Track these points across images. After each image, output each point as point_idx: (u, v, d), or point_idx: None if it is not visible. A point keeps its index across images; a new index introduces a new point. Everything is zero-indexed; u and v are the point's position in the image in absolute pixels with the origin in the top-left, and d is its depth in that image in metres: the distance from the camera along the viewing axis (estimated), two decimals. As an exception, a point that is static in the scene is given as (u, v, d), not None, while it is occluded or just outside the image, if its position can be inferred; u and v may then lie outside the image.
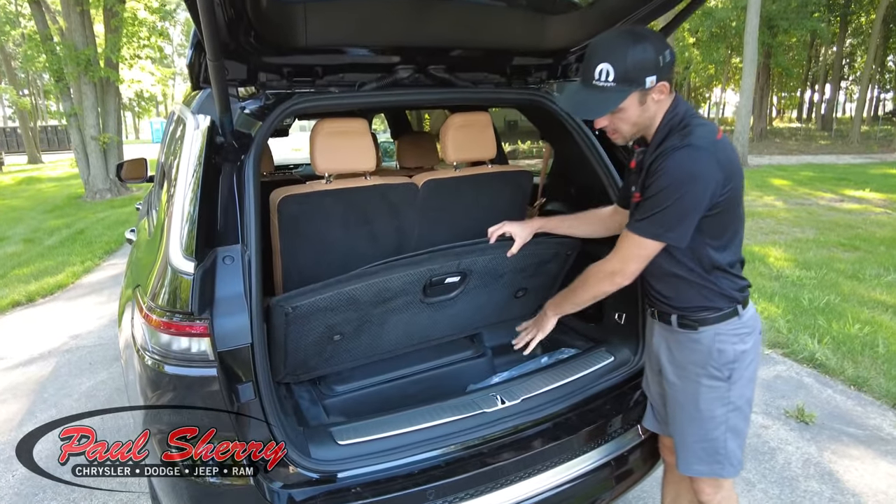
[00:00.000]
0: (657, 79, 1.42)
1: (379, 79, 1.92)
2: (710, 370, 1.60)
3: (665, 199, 1.41)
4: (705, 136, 1.43)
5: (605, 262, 1.59)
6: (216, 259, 1.49)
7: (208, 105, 1.70)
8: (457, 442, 1.66)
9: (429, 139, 3.23)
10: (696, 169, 1.40)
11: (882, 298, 5.04)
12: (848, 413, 3.29)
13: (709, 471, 1.68)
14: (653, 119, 1.51)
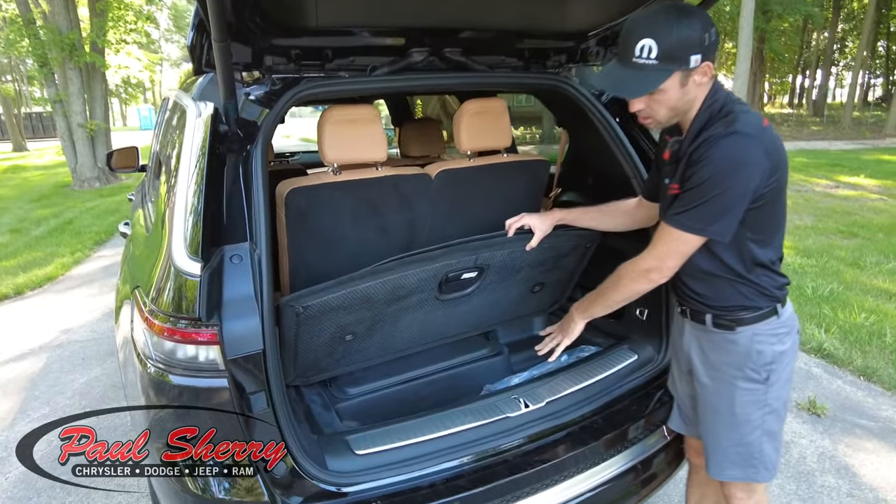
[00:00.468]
0: (702, 58, 1.31)
1: (391, 62, 1.80)
2: (748, 372, 1.51)
3: (709, 189, 1.31)
4: (752, 123, 1.33)
5: (639, 259, 1.49)
6: (223, 258, 1.38)
7: (211, 91, 1.58)
8: (481, 449, 1.57)
9: (434, 126, 3.11)
10: (743, 157, 1.29)
11: (885, 286, 5.01)
12: (859, 404, 3.25)
13: (743, 475, 1.60)
14: (691, 104, 1.40)
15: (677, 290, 1.62)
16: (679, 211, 1.38)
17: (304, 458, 1.41)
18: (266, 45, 1.59)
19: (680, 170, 1.43)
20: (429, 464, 1.52)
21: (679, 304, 1.65)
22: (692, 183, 1.35)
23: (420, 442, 1.56)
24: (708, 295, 1.53)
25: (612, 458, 1.70)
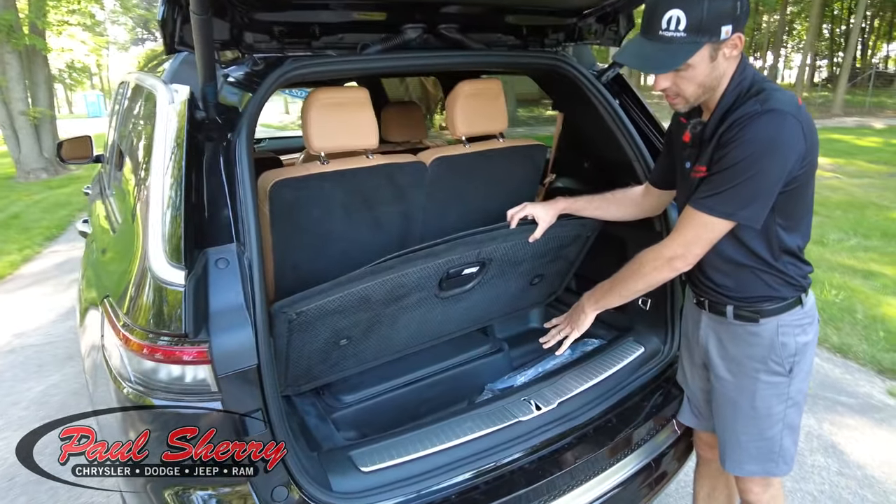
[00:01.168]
0: (733, 29, 1.21)
1: (384, 40, 1.64)
2: (771, 365, 1.45)
3: (742, 171, 1.22)
4: (788, 101, 1.23)
5: (662, 246, 1.39)
6: (207, 263, 1.22)
7: (185, 72, 1.40)
8: (496, 458, 1.47)
9: (416, 110, 2.95)
10: (781, 137, 1.20)
11: (849, 263, 5.13)
12: (838, 381, 3.30)
13: (761, 470, 1.55)
14: (719, 80, 1.30)
15: (694, 281, 1.54)
16: (708, 194, 1.28)
17: (307, 481, 1.28)
18: (246, 21, 1.41)
19: (707, 152, 1.33)
20: (441, 478, 1.40)
21: (696, 296, 1.57)
22: (724, 164, 1.25)
23: (430, 454, 1.45)
24: (730, 286, 1.45)
25: (627, 457, 1.63)
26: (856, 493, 2.41)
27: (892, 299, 4.27)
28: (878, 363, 3.42)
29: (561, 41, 1.97)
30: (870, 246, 5.57)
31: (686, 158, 1.44)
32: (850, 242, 5.69)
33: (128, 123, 2.05)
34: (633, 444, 1.65)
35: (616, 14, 1.89)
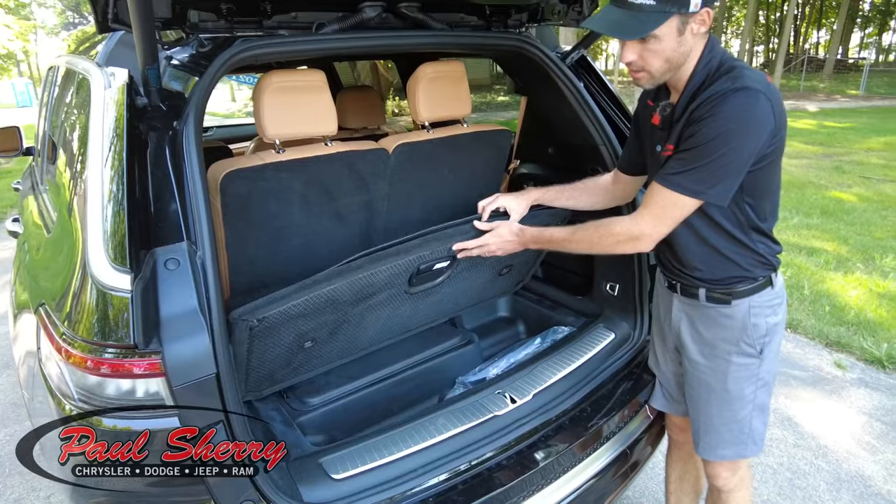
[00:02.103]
0: (703, 3, 1.18)
1: (341, 19, 1.53)
2: (743, 346, 1.44)
3: (714, 149, 1.19)
4: (759, 79, 1.21)
5: (630, 222, 1.35)
6: (156, 265, 1.10)
7: (122, 54, 1.27)
8: (473, 456, 1.41)
9: (373, 95, 2.85)
10: (753, 115, 1.18)
11: (794, 241, 5.34)
12: (790, 356, 3.42)
13: (734, 453, 1.56)
14: (686, 57, 1.27)
15: (666, 265, 1.53)
16: (677, 171, 1.25)
17: (276, 493, 1.19)
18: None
19: (676, 131, 1.30)
20: (417, 480, 1.34)
21: (667, 279, 1.56)
22: (694, 142, 1.22)
23: (405, 456, 1.38)
24: (702, 268, 1.44)
25: (603, 446, 1.61)
26: (811, 462, 2.50)
27: (834, 275, 4.46)
28: (825, 337, 3.57)
29: (524, 22, 1.90)
30: (811, 224, 5.82)
31: (657, 141, 1.41)
32: (793, 221, 5.93)
33: (60, 112, 1.87)
34: (609, 432, 1.63)
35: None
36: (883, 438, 2.63)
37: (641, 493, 2.36)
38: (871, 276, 4.36)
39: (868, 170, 8.32)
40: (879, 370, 3.20)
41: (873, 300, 3.97)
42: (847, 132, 12.19)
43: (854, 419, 2.78)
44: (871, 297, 4.02)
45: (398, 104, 13.88)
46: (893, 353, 3.27)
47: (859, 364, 3.28)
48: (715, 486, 1.66)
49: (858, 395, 2.98)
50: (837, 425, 2.74)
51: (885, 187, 7.24)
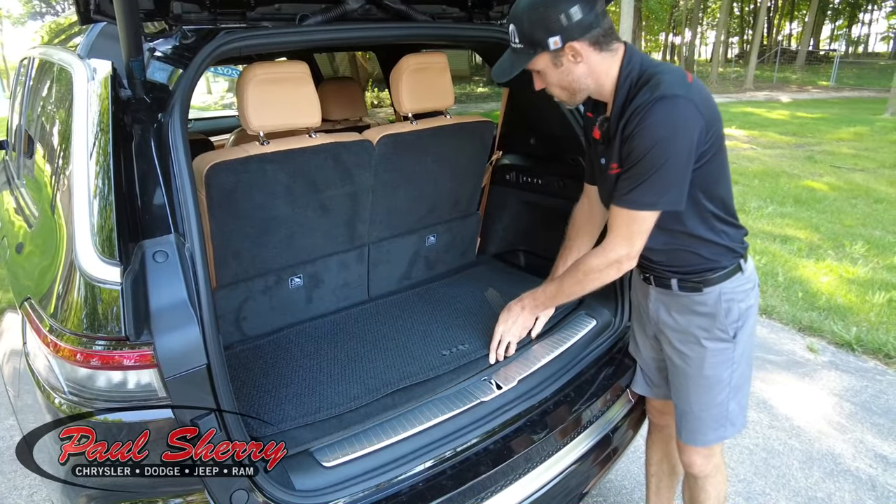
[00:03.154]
0: (562, 39, 1.26)
1: (324, 10, 1.54)
2: (716, 332, 1.49)
3: (652, 161, 1.25)
4: (677, 83, 1.26)
5: (603, 250, 1.40)
6: (144, 257, 1.11)
7: (104, 46, 1.25)
8: (461, 441, 1.44)
9: (354, 86, 2.84)
10: (677, 120, 1.24)
11: (769, 229, 5.47)
12: (765, 341, 3.52)
13: (715, 437, 1.60)
14: (582, 82, 1.34)
15: (641, 261, 1.52)
16: (628, 190, 1.31)
17: (268, 482, 1.21)
18: (173, -13, 1.28)
19: (615, 148, 1.35)
20: (407, 466, 1.37)
21: (641, 273, 1.60)
22: (633, 158, 1.28)
23: (394, 443, 1.40)
24: (672, 262, 1.49)
25: (587, 429, 1.65)
26: (785, 443, 2.58)
27: (806, 262, 4.59)
28: (798, 322, 3.67)
29: (506, 13, 1.92)
30: (785, 212, 5.96)
31: (600, 155, 1.46)
32: (767, 210, 6.06)
33: (36, 105, 1.84)
34: (591, 417, 1.68)
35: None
36: (852, 418, 2.73)
37: (624, 475, 2.43)
38: (842, 263, 4.49)
39: (838, 159, 8.53)
40: (849, 353, 3.32)
41: (843, 286, 4.10)
42: (818, 122, 12.48)
43: (825, 400, 2.88)
44: (841, 283, 4.15)
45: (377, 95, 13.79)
46: (862, 336, 3.38)
47: (830, 347, 3.40)
48: (690, 474, 1.71)
49: (829, 377, 3.09)
50: (810, 407, 2.84)
51: (855, 176, 7.44)
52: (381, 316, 2.08)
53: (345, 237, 1.97)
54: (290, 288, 1.94)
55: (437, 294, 2.23)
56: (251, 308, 1.88)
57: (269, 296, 1.90)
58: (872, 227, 5.38)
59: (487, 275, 2.40)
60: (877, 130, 11.07)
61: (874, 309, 3.71)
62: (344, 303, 2.14)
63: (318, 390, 1.65)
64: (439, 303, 2.16)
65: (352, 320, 2.06)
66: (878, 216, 5.71)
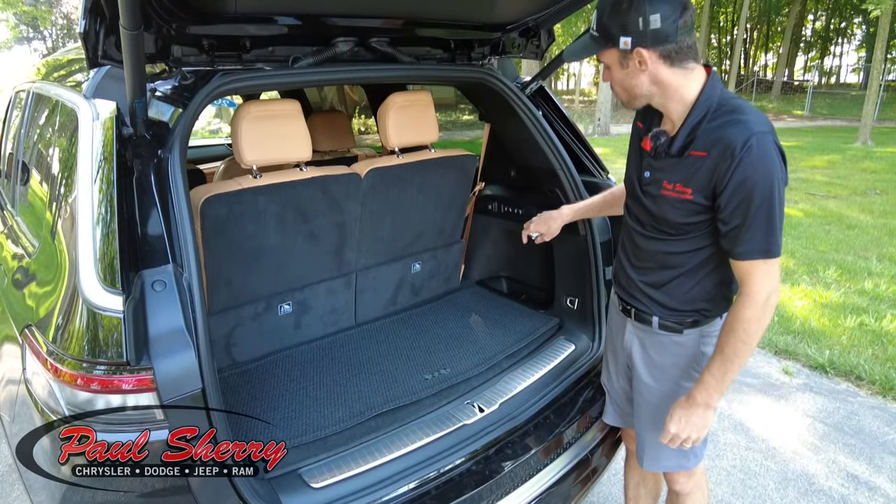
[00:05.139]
0: (633, 42, 1.25)
1: (315, 53, 1.63)
2: (692, 373, 1.48)
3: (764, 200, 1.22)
4: (764, 121, 1.25)
5: (749, 299, 1.28)
6: (144, 286, 1.17)
7: (110, 87, 1.33)
8: (445, 463, 1.50)
9: (343, 119, 2.94)
10: (775, 158, 1.22)
11: (746, 254, 5.61)
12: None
13: (675, 465, 1.62)
14: (654, 88, 1.31)
15: (627, 290, 1.56)
16: (757, 237, 1.25)
17: (258, 502, 1.25)
18: (174, 33, 1.37)
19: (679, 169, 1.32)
20: (393, 487, 1.42)
21: (622, 303, 1.59)
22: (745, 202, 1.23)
23: (379, 465, 1.46)
24: (666, 295, 1.46)
25: (565, 452, 1.71)
26: (762, 464, 2.66)
27: (782, 287, 4.71)
28: (774, 345, 3.78)
29: (486, 54, 2.04)
30: (761, 238, 6.12)
31: (645, 168, 1.43)
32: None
33: (32, 136, 1.90)
34: (570, 439, 1.74)
35: (538, 29, 2.00)
36: (825, 439, 2.82)
37: (605, 497, 2.48)
38: (815, 288, 4.63)
39: (813, 187, 8.80)
40: (822, 375, 3.42)
41: (817, 310, 4.23)
42: (793, 150, 12.84)
43: (799, 422, 2.97)
44: (814, 308, 4.28)
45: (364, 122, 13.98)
46: (834, 359, 3.49)
47: (805, 370, 3.50)
48: (673, 490, 1.75)
49: (804, 399, 3.18)
50: (785, 428, 2.92)
51: (829, 203, 7.68)
52: (367, 341, 2.15)
53: (333, 265, 2.04)
54: (280, 314, 2.00)
55: (422, 319, 2.30)
56: (241, 334, 1.93)
57: (259, 322, 1.96)
58: (845, 253, 5.56)
59: (471, 300, 2.48)
60: (848, 158, 11.44)
61: (846, 332, 3.84)
62: (331, 328, 2.20)
63: (304, 414, 1.70)
64: (423, 328, 2.23)
65: (338, 345, 2.12)
66: (851, 241, 5.90)
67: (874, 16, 13.97)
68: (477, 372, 1.90)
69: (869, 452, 2.71)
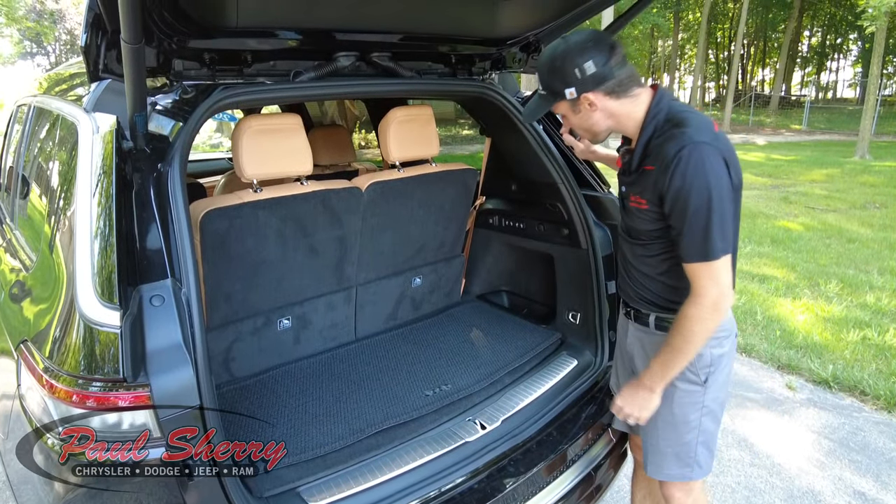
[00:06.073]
0: (577, 91, 1.37)
1: (316, 67, 1.63)
2: (687, 374, 1.52)
3: (703, 208, 1.29)
4: (704, 130, 1.32)
5: (698, 298, 1.36)
6: (142, 301, 1.15)
7: (110, 101, 1.33)
8: (446, 481, 1.47)
9: (343, 133, 2.95)
10: (708, 167, 1.29)
11: (747, 268, 5.60)
12: (746, 379, 3.58)
13: (679, 475, 1.62)
14: (609, 121, 1.43)
15: (627, 292, 1.63)
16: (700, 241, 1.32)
17: None
18: (175, 47, 1.37)
19: (636, 181, 1.43)
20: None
21: (625, 306, 1.67)
22: (679, 210, 1.32)
23: (380, 483, 1.43)
24: (656, 298, 1.55)
25: (569, 469, 1.69)
26: (767, 481, 2.62)
27: (784, 300, 4.70)
28: (777, 360, 3.75)
29: (487, 69, 2.04)
30: (763, 252, 6.12)
31: (621, 183, 1.55)
32: (746, 249, 6.22)
33: (33, 150, 1.90)
34: (574, 456, 1.71)
35: (538, 43, 2.00)
36: (831, 455, 2.78)
37: (609, 514, 2.44)
38: (817, 301, 4.61)
39: (812, 200, 8.81)
40: (826, 390, 3.39)
41: (819, 324, 4.20)
42: (792, 164, 12.90)
43: (804, 437, 2.93)
44: (817, 322, 4.25)
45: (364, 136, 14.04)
46: (838, 373, 3.46)
47: (808, 385, 3.47)
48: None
49: (808, 414, 3.15)
50: (790, 444, 2.89)
51: (828, 217, 7.69)
52: (367, 356, 2.12)
53: (333, 279, 2.03)
54: (279, 329, 1.98)
55: (422, 334, 2.28)
56: (240, 349, 1.91)
57: (258, 337, 1.94)
58: (846, 266, 5.54)
59: (472, 315, 2.46)
60: (847, 172, 11.48)
61: (849, 347, 3.81)
62: (331, 343, 2.18)
63: (303, 430, 1.68)
64: (424, 343, 2.21)
65: (338, 361, 2.10)
66: (851, 255, 5.89)
67: (869, 31, 14.10)
68: (478, 388, 1.88)
69: (876, 469, 2.67)
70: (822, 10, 33.74)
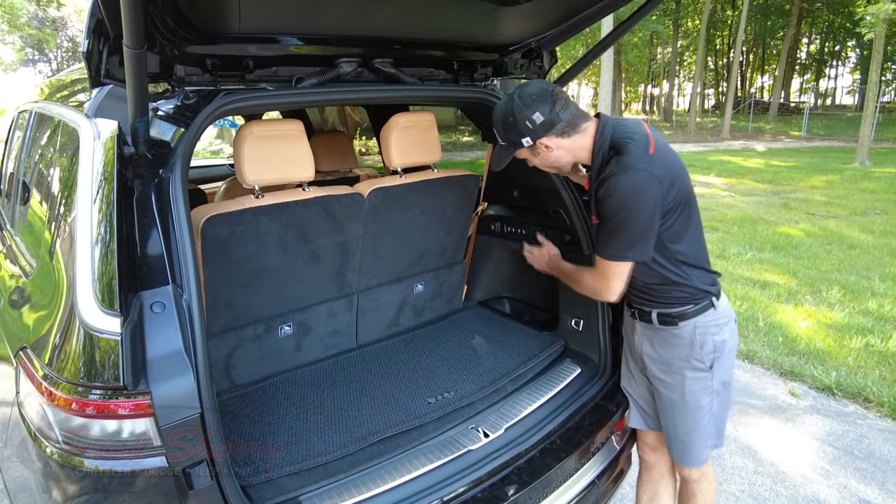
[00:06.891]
0: (532, 139, 1.53)
1: (319, 73, 1.63)
2: (693, 362, 1.66)
3: (618, 223, 1.48)
4: (639, 156, 1.46)
5: (591, 276, 1.65)
6: (142, 307, 1.14)
7: (111, 106, 1.32)
8: (449, 490, 1.46)
9: (344, 139, 2.94)
10: (638, 190, 1.45)
11: (748, 275, 5.59)
12: (748, 386, 3.56)
13: (706, 456, 1.77)
14: (562, 161, 1.59)
15: (628, 296, 1.73)
16: (603, 244, 1.57)
17: None
18: (177, 53, 1.36)
19: (594, 206, 1.58)
20: None
21: (629, 307, 1.77)
22: (605, 219, 1.53)
23: (382, 492, 1.41)
24: (651, 296, 1.67)
25: (574, 474, 1.67)
26: (771, 489, 2.60)
27: (785, 307, 4.69)
28: (779, 367, 3.73)
29: (489, 75, 2.04)
30: (763, 258, 6.11)
31: (588, 206, 1.73)
32: (747, 256, 6.21)
33: (34, 156, 1.89)
34: (579, 463, 1.70)
35: (540, 50, 2.00)
36: (835, 463, 2.76)
37: (613, 521, 2.42)
38: (819, 308, 4.60)
39: (812, 206, 8.81)
40: (829, 397, 3.37)
41: (821, 330, 4.19)
42: (792, 171, 12.91)
43: (808, 445, 2.91)
44: (819, 328, 4.24)
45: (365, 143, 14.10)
46: (841, 380, 3.45)
47: (811, 392, 3.45)
48: (682, 476, 1.88)
49: (812, 421, 3.13)
50: (793, 451, 2.87)
51: (828, 223, 7.68)
52: (369, 363, 2.11)
53: (334, 286, 2.02)
54: (280, 336, 1.97)
55: (424, 341, 2.27)
56: (240, 356, 1.90)
57: (259, 344, 1.93)
58: (847, 273, 5.53)
59: (473, 321, 2.44)
60: (847, 178, 11.49)
61: (852, 353, 3.79)
62: (332, 350, 2.16)
63: (304, 438, 1.66)
64: (426, 350, 2.19)
65: (339, 368, 2.08)
66: (852, 261, 5.88)
67: (868, 39, 14.15)
68: (481, 395, 1.87)
69: (881, 477, 2.65)
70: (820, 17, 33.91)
